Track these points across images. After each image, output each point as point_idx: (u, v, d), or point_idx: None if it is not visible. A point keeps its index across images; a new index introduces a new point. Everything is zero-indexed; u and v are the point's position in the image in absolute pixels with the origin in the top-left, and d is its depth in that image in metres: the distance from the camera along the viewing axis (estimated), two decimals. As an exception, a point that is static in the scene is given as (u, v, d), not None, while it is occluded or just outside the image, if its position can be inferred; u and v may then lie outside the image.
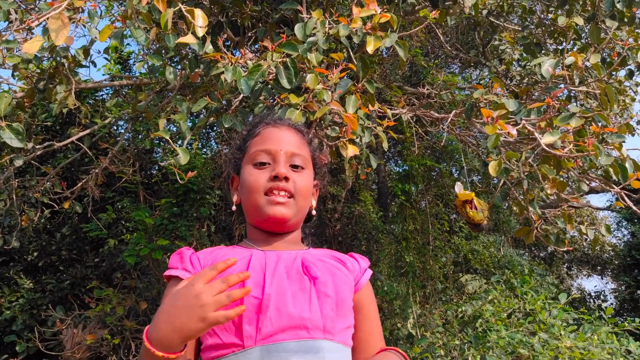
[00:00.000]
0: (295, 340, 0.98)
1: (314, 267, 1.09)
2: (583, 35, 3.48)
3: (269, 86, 2.26)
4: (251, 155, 1.18)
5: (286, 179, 1.13)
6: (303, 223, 1.25)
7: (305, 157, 1.20)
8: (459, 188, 3.26)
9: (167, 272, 1.10)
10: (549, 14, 3.69)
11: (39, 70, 3.07)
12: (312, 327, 1.00)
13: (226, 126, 2.36)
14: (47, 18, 1.85)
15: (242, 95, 2.48)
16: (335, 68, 2.29)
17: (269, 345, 0.96)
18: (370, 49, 2.20)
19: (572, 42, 3.67)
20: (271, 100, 2.37)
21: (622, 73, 3.49)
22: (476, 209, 3.12)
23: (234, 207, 1.23)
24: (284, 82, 2.14)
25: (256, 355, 0.96)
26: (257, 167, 1.15)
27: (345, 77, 2.34)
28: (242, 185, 1.19)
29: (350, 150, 2.25)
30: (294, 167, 1.17)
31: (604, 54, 3.47)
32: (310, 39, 2.25)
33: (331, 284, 1.07)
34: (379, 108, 2.81)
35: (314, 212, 1.25)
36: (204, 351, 1.03)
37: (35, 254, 6.03)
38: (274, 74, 2.19)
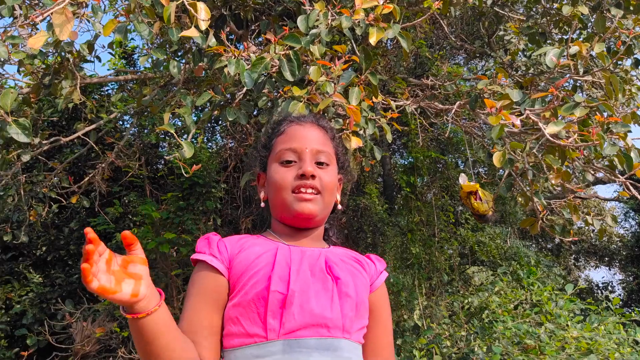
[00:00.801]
0: (316, 337, 1.02)
1: (336, 267, 1.12)
2: (588, 24, 3.45)
3: (272, 79, 2.26)
4: (277, 154, 1.20)
5: (313, 176, 1.15)
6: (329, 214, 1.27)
7: (329, 154, 1.22)
8: (463, 179, 3.26)
9: (194, 256, 1.12)
10: (554, 3, 3.66)
11: (44, 66, 3.09)
12: (333, 326, 1.04)
13: (230, 119, 2.37)
14: (51, 13, 1.86)
15: (245, 89, 2.48)
16: (338, 60, 2.29)
17: (290, 340, 1.00)
18: (373, 40, 2.20)
19: (577, 31, 3.64)
20: (275, 93, 2.37)
21: (628, 62, 3.46)
22: (481, 200, 3.12)
23: (262, 204, 1.26)
24: (287, 75, 2.15)
25: (278, 348, 1.00)
26: (284, 165, 1.18)
27: (348, 69, 2.34)
28: (269, 183, 1.21)
29: (354, 143, 2.25)
30: (319, 164, 1.19)
31: (610, 43, 3.45)
32: (313, 31, 2.25)
33: (352, 285, 1.10)
34: (382, 100, 2.80)
35: (339, 207, 1.28)
36: (226, 337, 1.06)
37: (44, 248, 6.09)
38: (277, 67, 2.19)
